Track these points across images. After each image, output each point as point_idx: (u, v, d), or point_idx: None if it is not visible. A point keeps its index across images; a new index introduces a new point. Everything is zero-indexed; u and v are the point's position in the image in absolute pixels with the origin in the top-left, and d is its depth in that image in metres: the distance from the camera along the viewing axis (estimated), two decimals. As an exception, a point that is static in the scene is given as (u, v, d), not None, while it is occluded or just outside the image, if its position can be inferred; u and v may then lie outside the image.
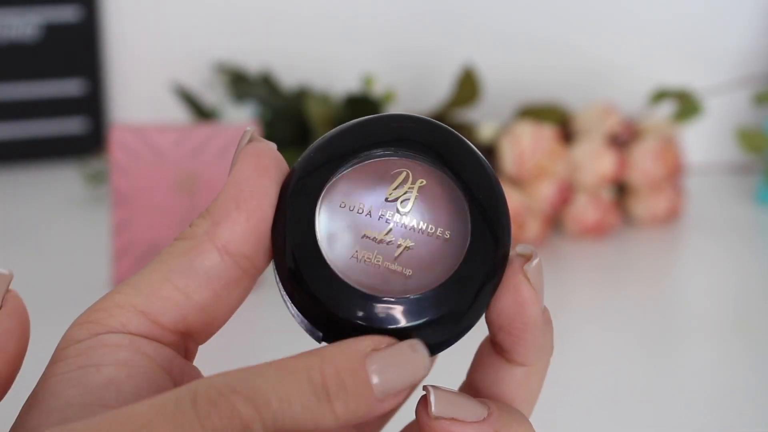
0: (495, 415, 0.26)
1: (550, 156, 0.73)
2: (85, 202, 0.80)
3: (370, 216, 0.27)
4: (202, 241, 0.26)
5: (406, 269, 0.27)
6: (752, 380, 0.56)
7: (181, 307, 0.26)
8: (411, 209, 0.27)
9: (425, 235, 0.27)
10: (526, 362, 0.28)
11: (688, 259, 0.78)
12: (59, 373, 0.25)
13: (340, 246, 0.27)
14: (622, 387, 0.55)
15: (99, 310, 0.26)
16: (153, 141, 0.63)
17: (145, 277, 0.26)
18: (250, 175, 0.26)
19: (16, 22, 0.87)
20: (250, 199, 0.26)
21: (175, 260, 0.26)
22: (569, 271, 0.73)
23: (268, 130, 0.75)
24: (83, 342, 0.25)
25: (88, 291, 0.64)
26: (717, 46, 0.92)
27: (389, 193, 0.28)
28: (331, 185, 0.27)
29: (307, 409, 0.23)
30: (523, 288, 0.27)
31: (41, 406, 0.24)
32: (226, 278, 0.26)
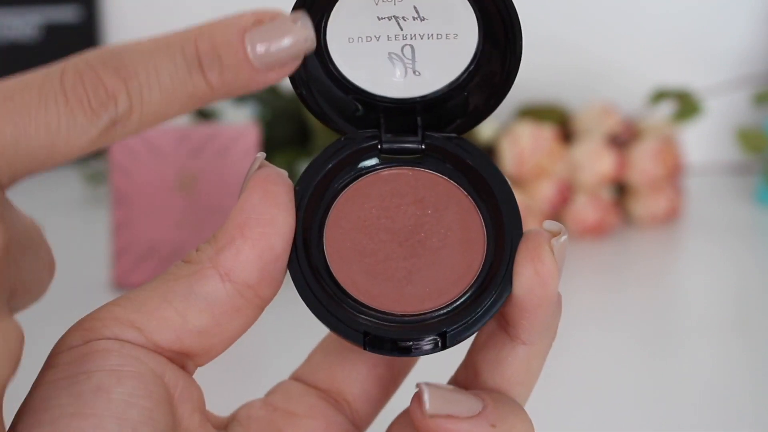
0: (490, 408, 0.26)
1: (550, 156, 0.73)
2: (85, 202, 0.80)
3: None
4: (204, 266, 0.26)
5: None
6: (752, 380, 0.56)
7: (177, 330, 0.26)
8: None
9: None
10: (530, 340, 0.27)
11: (687, 259, 0.78)
12: (51, 380, 0.25)
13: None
14: (622, 386, 0.54)
15: (95, 319, 0.26)
16: (153, 141, 0.63)
17: (146, 294, 0.26)
18: (257, 203, 0.26)
19: (16, 22, 0.87)
20: (255, 227, 0.26)
21: (176, 282, 0.26)
22: (569, 271, 0.72)
23: (268, 130, 0.75)
24: (76, 348, 0.25)
25: (87, 291, 0.64)
26: (717, 46, 0.92)
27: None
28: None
29: (177, 79, 0.23)
30: (547, 259, 0.26)
31: (33, 415, 0.24)
32: (227, 305, 0.26)
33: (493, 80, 0.29)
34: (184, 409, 0.26)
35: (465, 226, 0.28)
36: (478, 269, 0.28)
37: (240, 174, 0.64)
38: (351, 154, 0.29)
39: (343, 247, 0.28)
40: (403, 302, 0.28)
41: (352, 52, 0.28)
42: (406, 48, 0.28)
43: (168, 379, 0.25)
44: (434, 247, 0.28)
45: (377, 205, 0.28)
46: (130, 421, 0.24)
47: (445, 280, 0.28)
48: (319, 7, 0.27)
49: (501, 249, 0.28)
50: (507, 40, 0.28)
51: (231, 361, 0.51)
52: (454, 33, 0.28)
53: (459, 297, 0.28)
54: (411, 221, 0.28)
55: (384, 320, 0.27)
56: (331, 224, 0.28)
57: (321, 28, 0.28)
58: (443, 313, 0.27)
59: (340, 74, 0.29)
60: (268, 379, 0.31)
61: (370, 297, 0.28)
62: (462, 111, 0.29)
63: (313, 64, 0.28)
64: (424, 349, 0.27)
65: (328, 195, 0.29)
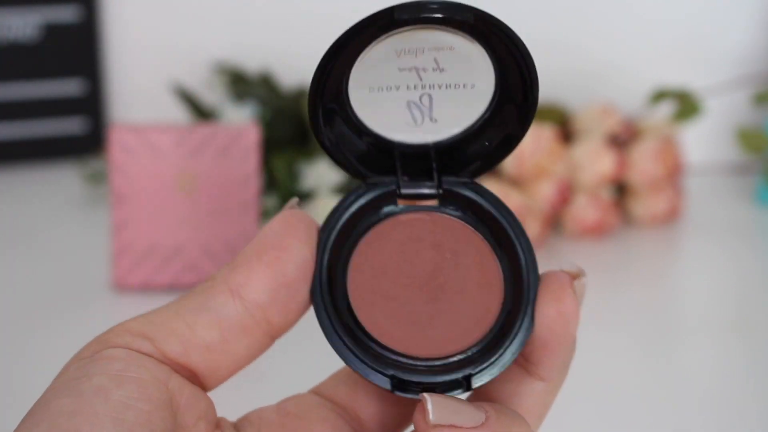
0: (492, 419, 0.26)
1: (550, 156, 0.73)
2: (85, 202, 0.80)
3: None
4: (218, 283, 0.27)
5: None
6: (752, 380, 0.56)
7: (184, 342, 0.26)
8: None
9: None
10: (549, 377, 0.28)
11: (687, 259, 0.78)
12: (55, 385, 0.25)
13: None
14: (622, 387, 0.54)
15: (108, 333, 0.27)
16: (152, 141, 0.63)
17: (160, 310, 0.27)
18: (276, 231, 0.27)
19: (16, 22, 0.87)
20: (271, 250, 0.27)
21: (191, 298, 0.27)
22: (569, 271, 0.73)
23: (268, 130, 0.75)
24: (84, 359, 0.26)
25: (87, 291, 0.64)
26: (717, 46, 0.92)
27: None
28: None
29: None
30: (570, 300, 0.27)
31: (34, 416, 0.24)
32: (235, 322, 0.27)
33: (508, 127, 0.29)
34: (189, 416, 0.26)
35: (482, 269, 0.29)
36: (498, 312, 0.29)
37: (240, 174, 0.64)
38: (372, 199, 0.30)
39: (366, 290, 0.29)
40: (426, 346, 0.28)
41: (372, 100, 0.29)
42: (425, 97, 0.29)
43: (172, 386, 0.26)
44: (454, 291, 0.29)
45: (397, 250, 0.29)
46: (126, 423, 0.24)
47: (466, 323, 0.28)
48: (344, 59, 0.28)
49: (519, 291, 0.28)
50: (523, 91, 0.28)
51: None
52: (472, 83, 0.29)
53: (481, 339, 0.28)
54: (430, 265, 0.29)
55: (409, 364, 0.28)
56: (354, 268, 0.29)
57: (345, 78, 0.28)
58: (467, 356, 0.28)
59: (359, 120, 0.29)
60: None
61: (394, 340, 0.28)
62: (477, 156, 0.30)
63: (331, 109, 0.29)
64: (451, 388, 0.28)
65: (350, 239, 0.29)
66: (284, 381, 0.36)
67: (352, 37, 0.27)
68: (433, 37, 0.28)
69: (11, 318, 0.61)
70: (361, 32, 0.27)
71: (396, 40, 0.28)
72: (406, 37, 0.28)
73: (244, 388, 0.34)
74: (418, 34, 0.28)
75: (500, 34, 0.27)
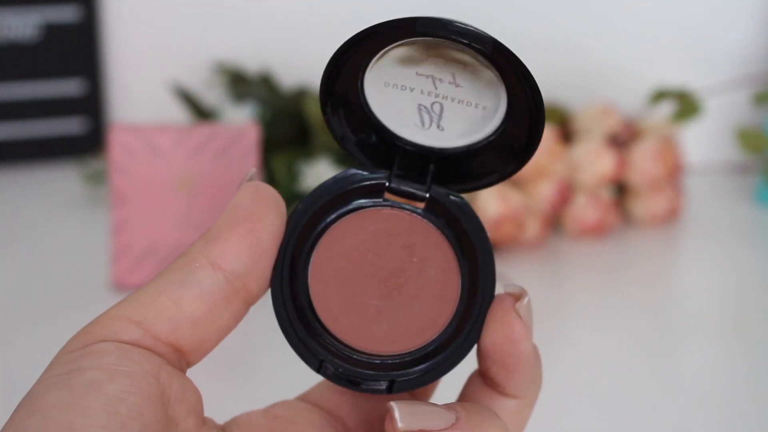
0: (463, 419, 0.26)
1: (550, 156, 0.73)
2: (85, 202, 0.80)
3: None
4: (196, 257, 0.27)
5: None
6: (752, 380, 0.56)
7: (173, 319, 0.27)
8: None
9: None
10: (518, 395, 0.29)
11: (687, 259, 0.78)
12: (47, 377, 0.25)
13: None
14: (622, 387, 0.54)
15: (94, 323, 0.27)
16: (152, 141, 0.63)
17: (143, 291, 0.27)
18: (247, 202, 0.28)
19: (16, 22, 0.87)
20: (244, 221, 0.28)
21: (171, 275, 0.27)
22: (569, 271, 0.73)
23: (268, 130, 0.75)
24: (74, 352, 0.26)
25: (87, 291, 0.64)
26: (717, 46, 0.92)
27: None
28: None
29: None
30: (516, 324, 0.28)
31: (25, 408, 0.24)
32: (218, 294, 0.27)
33: (509, 155, 0.30)
34: (179, 411, 0.26)
35: (443, 283, 0.29)
36: (443, 327, 0.29)
37: (240, 174, 0.64)
38: (359, 187, 0.30)
39: (327, 269, 0.29)
40: (364, 338, 0.29)
41: (385, 93, 0.30)
42: (436, 105, 0.30)
43: (163, 379, 0.26)
44: (408, 295, 0.29)
45: (370, 239, 0.30)
46: (119, 415, 0.24)
47: (410, 328, 0.29)
48: (364, 50, 0.29)
49: (468, 316, 0.29)
50: (530, 126, 0.29)
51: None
52: (483, 105, 0.29)
53: (418, 349, 0.29)
54: (395, 264, 0.29)
55: (343, 352, 0.29)
56: (323, 245, 0.29)
57: (363, 66, 0.29)
58: (399, 360, 0.29)
59: (369, 108, 0.30)
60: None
61: (337, 325, 0.29)
62: (473, 173, 0.31)
63: (346, 93, 0.30)
64: (372, 388, 0.28)
65: (328, 217, 0.30)
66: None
67: (373, 35, 0.28)
68: (455, 54, 0.28)
69: (11, 318, 0.61)
70: (383, 33, 0.28)
71: (419, 46, 0.28)
72: (431, 47, 0.28)
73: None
74: (441, 47, 0.28)
75: (515, 70, 0.27)
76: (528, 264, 0.71)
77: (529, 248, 0.73)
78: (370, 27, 0.28)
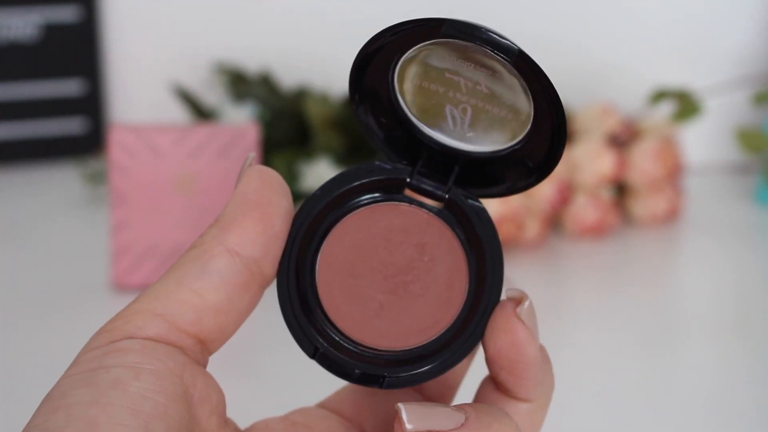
0: (472, 419, 0.26)
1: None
2: (85, 202, 0.80)
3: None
4: (212, 246, 0.27)
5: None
6: (752, 380, 0.56)
7: (197, 309, 0.27)
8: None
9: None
10: (530, 399, 0.28)
11: (687, 259, 0.78)
12: (71, 375, 0.25)
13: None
14: (622, 387, 0.54)
15: (117, 319, 0.27)
16: (152, 141, 0.63)
17: (161, 284, 0.27)
18: (256, 187, 0.28)
19: (15, 22, 0.87)
20: (256, 207, 0.28)
21: (188, 266, 0.27)
22: (569, 271, 0.73)
23: (268, 130, 0.75)
24: (99, 349, 0.26)
25: (87, 291, 0.64)
26: (717, 46, 0.92)
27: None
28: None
29: None
30: (519, 329, 0.27)
31: (49, 404, 0.24)
32: (237, 280, 0.27)
33: (530, 168, 0.30)
34: (202, 410, 0.26)
35: (450, 285, 0.29)
36: (442, 330, 0.29)
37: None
38: (380, 179, 0.30)
39: (337, 259, 0.29)
40: (364, 331, 0.29)
41: (414, 90, 0.30)
42: (464, 107, 0.30)
43: (187, 378, 0.26)
44: (413, 293, 0.29)
45: (382, 234, 0.30)
46: (143, 414, 0.24)
47: (409, 327, 0.29)
48: (392, 46, 0.28)
49: (468, 322, 0.28)
50: (552, 142, 0.29)
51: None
52: (511, 113, 0.29)
53: (414, 349, 0.29)
54: (405, 261, 0.29)
55: (339, 342, 0.28)
56: (336, 234, 0.29)
57: (394, 60, 0.29)
58: (392, 357, 0.28)
59: (398, 103, 0.30)
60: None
61: (339, 315, 0.29)
62: (495, 180, 0.31)
63: (375, 86, 0.30)
64: (366, 380, 0.28)
65: (344, 207, 0.30)
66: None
67: (399, 33, 0.28)
68: (484, 59, 0.28)
69: (11, 317, 0.61)
70: (409, 31, 0.28)
71: (450, 48, 0.28)
72: (461, 49, 0.28)
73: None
74: (471, 51, 0.28)
75: (539, 82, 0.27)
76: (528, 264, 0.71)
77: (529, 248, 0.73)
78: (396, 24, 0.28)
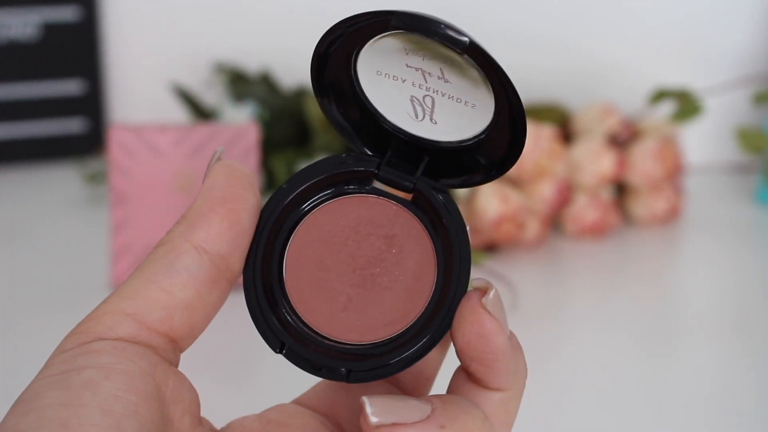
0: (439, 410, 0.26)
1: (550, 156, 0.73)
2: (85, 202, 0.80)
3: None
4: (179, 243, 0.27)
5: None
6: (752, 380, 0.56)
7: (167, 306, 0.27)
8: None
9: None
10: (502, 388, 0.28)
11: (687, 259, 0.78)
12: (43, 377, 0.25)
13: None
14: (622, 387, 0.54)
15: (88, 321, 0.27)
16: (152, 141, 0.63)
17: (130, 283, 0.27)
18: (223, 182, 0.28)
19: (15, 21, 0.87)
20: (223, 203, 0.28)
21: (156, 264, 0.27)
22: (569, 271, 0.73)
23: (268, 130, 0.75)
24: (70, 351, 0.26)
25: (87, 291, 0.64)
26: (717, 46, 0.92)
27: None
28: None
29: None
30: (485, 320, 0.27)
31: (21, 406, 0.24)
32: (205, 277, 0.27)
33: (495, 157, 0.30)
34: (175, 410, 0.26)
35: (418, 277, 0.29)
36: (410, 322, 0.28)
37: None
38: (348, 171, 0.30)
39: (305, 252, 0.29)
40: (331, 325, 0.28)
41: (378, 82, 0.30)
42: (427, 98, 0.29)
43: (158, 378, 0.26)
44: (382, 286, 0.29)
45: (351, 227, 0.29)
46: (114, 414, 0.24)
47: (377, 320, 0.29)
48: (348, 39, 0.28)
49: (435, 314, 0.28)
50: (512, 128, 0.29)
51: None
52: (473, 103, 0.29)
53: (380, 341, 0.28)
54: (373, 253, 0.29)
55: (308, 336, 0.28)
56: (304, 227, 0.29)
57: (353, 53, 0.29)
58: (358, 352, 0.28)
59: (363, 95, 0.30)
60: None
61: (306, 308, 0.29)
62: (465, 170, 0.30)
63: (338, 79, 0.30)
64: (331, 375, 0.28)
65: (311, 201, 0.30)
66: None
67: (351, 26, 0.28)
68: (441, 50, 0.28)
69: (11, 317, 0.61)
70: (361, 24, 0.27)
71: (406, 38, 0.28)
72: (416, 40, 0.28)
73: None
74: (427, 41, 0.28)
75: (493, 70, 0.27)
76: (528, 264, 0.71)
77: (529, 248, 0.73)
78: (347, 18, 0.27)
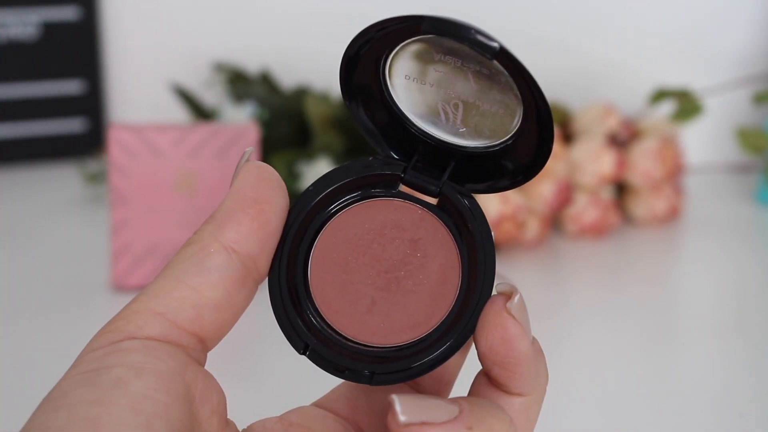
0: (466, 411, 0.26)
1: (550, 156, 0.73)
2: (85, 202, 0.80)
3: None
4: (209, 242, 0.27)
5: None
6: (752, 380, 0.56)
7: (196, 306, 0.27)
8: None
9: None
10: (523, 393, 0.28)
11: (688, 259, 0.78)
12: (72, 375, 0.25)
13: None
14: (622, 387, 0.54)
15: (118, 319, 0.27)
16: (152, 141, 0.63)
17: (159, 282, 0.27)
18: (253, 183, 0.28)
19: (15, 21, 0.87)
20: (253, 203, 0.28)
21: (185, 263, 0.27)
22: (569, 271, 0.73)
23: (268, 130, 0.75)
24: (100, 349, 0.26)
25: (87, 291, 0.64)
26: (717, 46, 0.92)
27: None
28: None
29: None
30: (509, 325, 0.27)
31: (50, 404, 0.24)
32: (234, 277, 0.27)
33: (522, 163, 0.30)
34: (203, 410, 0.26)
35: (442, 281, 0.29)
36: (433, 326, 0.29)
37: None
38: (374, 175, 0.30)
39: (330, 254, 0.29)
40: (355, 327, 0.29)
41: (406, 86, 0.30)
42: (455, 103, 0.30)
43: (188, 378, 0.26)
44: (406, 289, 0.29)
45: (376, 230, 0.30)
46: (144, 414, 0.24)
47: (400, 323, 0.29)
48: (378, 43, 0.28)
49: (459, 319, 0.28)
50: (539, 134, 0.29)
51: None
52: (501, 109, 0.29)
53: (404, 344, 0.28)
54: (398, 256, 0.29)
55: (332, 338, 0.28)
56: (329, 229, 0.29)
57: (383, 57, 0.29)
58: (381, 354, 0.28)
59: (392, 99, 0.30)
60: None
61: (330, 310, 0.29)
62: (491, 175, 0.30)
63: (367, 83, 0.30)
64: (356, 376, 0.28)
65: (337, 203, 0.30)
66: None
67: (381, 30, 0.28)
68: (471, 55, 0.28)
69: (11, 317, 0.61)
70: (391, 29, 0.28)
71: (435, 43, 0.28)
72: (445, 45, 0.28)
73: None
74: (456, 46, 0.28)
75: (522, 77, 0.27)
76: (528, 264, 0.71)
77: (529, 248, 0.73)
78: (378, 22, 0.27)
